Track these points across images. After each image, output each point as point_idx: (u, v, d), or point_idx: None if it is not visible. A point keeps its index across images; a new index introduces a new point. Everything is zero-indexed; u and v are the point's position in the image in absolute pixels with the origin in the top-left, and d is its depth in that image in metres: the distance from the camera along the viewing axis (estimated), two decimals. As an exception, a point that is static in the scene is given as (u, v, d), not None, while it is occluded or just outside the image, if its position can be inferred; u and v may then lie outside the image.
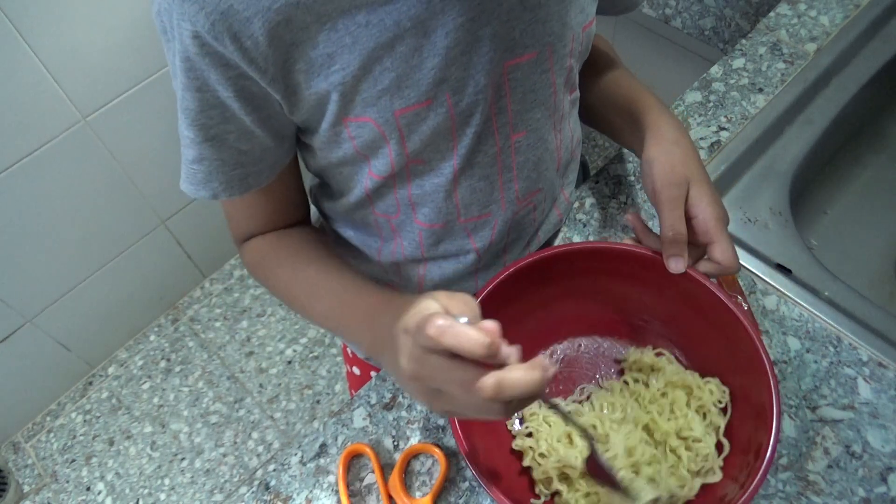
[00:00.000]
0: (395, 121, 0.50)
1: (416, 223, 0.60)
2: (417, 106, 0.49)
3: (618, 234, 0.72)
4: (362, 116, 0.50)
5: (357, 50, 0.46)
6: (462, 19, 0.46)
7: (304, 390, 1.63)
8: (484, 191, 0.58)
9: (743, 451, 0.51)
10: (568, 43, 0.54)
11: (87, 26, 1.18)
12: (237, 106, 0.48)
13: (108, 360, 1.73)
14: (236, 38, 0.43)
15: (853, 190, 0.88)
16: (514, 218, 0.62)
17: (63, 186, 1.33)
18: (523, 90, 0.53)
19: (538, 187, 0.62)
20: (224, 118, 0.49)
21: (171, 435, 1.59)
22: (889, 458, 0.57)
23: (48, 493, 1.53)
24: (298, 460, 0.61)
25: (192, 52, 0.44)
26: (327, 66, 0.46)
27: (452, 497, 0.57)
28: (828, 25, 0.86)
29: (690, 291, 0.54)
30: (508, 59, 0.50)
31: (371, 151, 0.53)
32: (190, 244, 1.70)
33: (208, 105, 0.48)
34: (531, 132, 0.57)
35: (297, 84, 0.47)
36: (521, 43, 0.50)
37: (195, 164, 0.52)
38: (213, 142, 0.51)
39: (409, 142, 0.52)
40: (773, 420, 0.48)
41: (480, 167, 0.57)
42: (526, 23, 0.49)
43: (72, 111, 1.25)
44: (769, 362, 0.49)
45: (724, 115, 0.80)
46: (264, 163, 0.55)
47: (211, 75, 0.46)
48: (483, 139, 0.54)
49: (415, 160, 0.54)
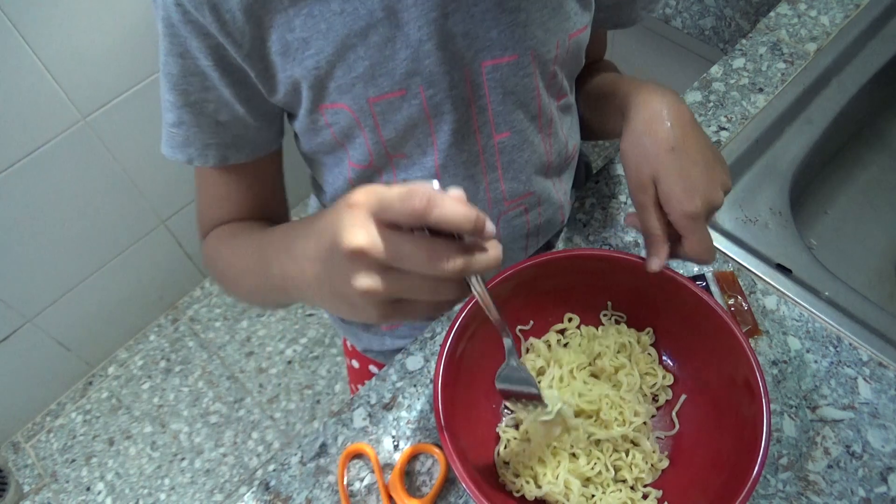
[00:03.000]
0: (369, 108, 0.51)
1: None
2: (391, 95, 0.50)
3: (618, 234, 0.72)
4: (337, 103, 0.51)
5: (331, 36, 0.47)
6: (434, 14, 0.47)
7: (304, 390, 1.63)
8: (468, 189, 0.59)
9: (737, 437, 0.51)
10: (552, 49, 0.54)
11: (87, 26, 1.18)
12: (216, 76, 0.49)
13: (108, 360, 1.73)
14: (215, 9, 0.45)
15: (853, 190, 0.88)
16: (502, 218, 0.63)
17: (63, 186, 1.33)
18: (503, 91, 0.54)
19: (528, 190, 0.62)
20: (204, 87, 0.50)
21: (171, 435, 1.59)
22: (889, 458, 0.57)
23: (48, 493, 1.53)
24: (298, 460, 0.61)
25: (175, 18, 0.46)
26: (302, 51, 0.48)
27: (452, 497, 0.57)
28: (828, 25, 0.86)
29: (664, 286, 0.56)
30: (486, 58, 0.51)
31: (348, 139, 0.55)
32: (190, 244, 1.70)
33: (189, 72, 0.49)
34: (515, 133, 0.57)
35: (272, 65, 0.49)
36: (500, 44, 0.51)
37: (174, 128, 0.54)
38: (192, 108, 0.52)
39: (384, 130, 0.53)
40: (760, 393, 0.49)
41: (465, 166, 0.57)
42: (504, 25, 0.50)
43: (72, 111, 1.25)
44: (743, 337, 0.51)
45: (724, 114, 0.80)
46: (244, 139, 0.55)
47: (192, 42, 0.47)
48: (464, 137, 0.55)
49: (398, 154, 0.55)
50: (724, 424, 0.54)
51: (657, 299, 0.58)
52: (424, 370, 0.65)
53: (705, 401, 0.56)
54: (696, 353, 0.58)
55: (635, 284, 0.57)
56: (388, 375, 0.65)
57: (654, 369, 0.59)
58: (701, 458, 0.54)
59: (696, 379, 0.58)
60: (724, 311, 0.53)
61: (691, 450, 0.55)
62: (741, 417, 0.51)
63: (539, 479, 0.53)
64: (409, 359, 0.66)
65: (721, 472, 0.51)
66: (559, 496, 0.52)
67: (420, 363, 0.65)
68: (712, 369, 0.56)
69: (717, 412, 0.55)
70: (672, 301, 0.57)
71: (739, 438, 0.51)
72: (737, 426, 0.52)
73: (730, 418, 0.53)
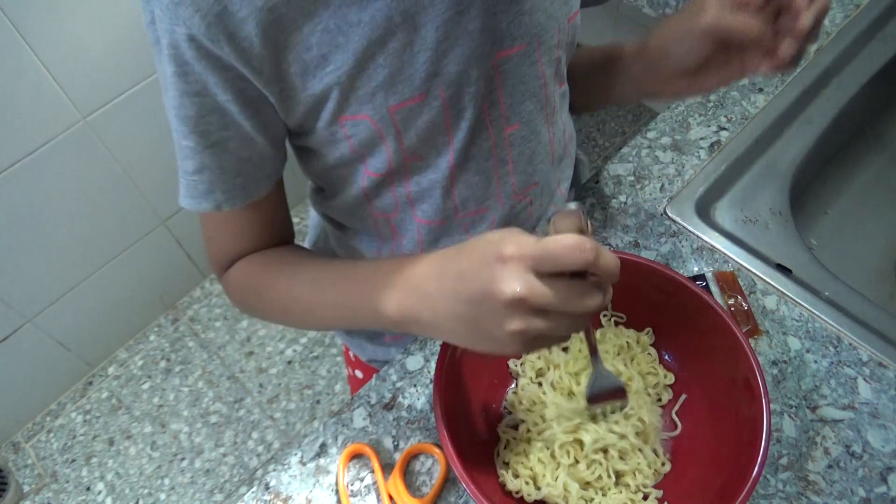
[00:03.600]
0: (390, 117, 0.50)
1: (415, 220, 0.60)
2: (411, 101, 0.50)
3: (618, 234, 0.72)
4: (358, 114, 0.50)
5: (350, 49, 0.46)
6: (450, 13, 0.47)
7: (304, 390, 1.63)
8: (481, 185, 0.59)
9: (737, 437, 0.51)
10: (554, 34, 0.54)
11: (87, 26, 1.18)
12: (236, 110, 0.48)
13: (108, 360, 1.73)
14: (232, 39, 0.43)
15: (853, 190, 0.88)
16: (511, 213, 0.63)
17: (63, 186, 1.33)
18: (514, 82, 0.54)
19: (534, 181, 0.62)
20: (224, 124, 0.49)
21: (171, 435, 1.59)
22: (889, 458, 0.57)
23: (48, 493, 1.53)
24: (298, 460, 0.61)
25: (189, 55, 0.44)
26: (322, 68, 0.47)
27: (452, 497, 0.57)
28: (828, 25, 0.85)
29: (665, 287, 0.56)
30: (498, 51, 0.51)
31: (368, 149, 0.53)
32: (190, 244, 1.70)
33: (207, 110, 0.48)
34: (524, 125, 0.57)
35: (292, 87, 0.48)
36: (510, 35, 0.51)
37: (196, 175, 0.52)
38: (214, 149, 0.50)
39: (405, 138, 0.52)
40: (760, 393, 0.49)
41: (476, 161, 0.57)
42: (512, 14, 0.50)
43: (72, 111, 1.25)
44: (743, 337, 0.52)
45: (724, 114, 0.80)
46: (263, 171, 0.54)
47: (209, 78, 0.45)
48: (477, 133, 0.55)
49: (412, 157, 0.55)
50: (724, 424, 0.54)
51: (657, 299, 0.58)
52: (424, 370, 0.65)
53: (705, 401, 0.56)
54: (696, 353, 0.58)
55: (635, 284, 0.57)
56: (388, 375, 0.65)
57: (654, 369, 0.59)
58: (701, 457, 0.54)
59: (696, 379, 0.58)
60: (724, 311, 0.53)
61: (691, 450, 0.55)
62: (741, 417, 0.51)
63: (538, 480, 0.53)
64: (409, 359, 0.66)
65: (721, 471, 0.51)
66: (558, 499, 0.52)
67: (420, 363, 0.65)
68: (712, 369, 0.56)
69: (717, 412, 0.55)
70: (672, 301, 0.57)
71: (739, 438, 0.51)
72: (737, 426, 0.52)
73: (730, 418, 0.53)
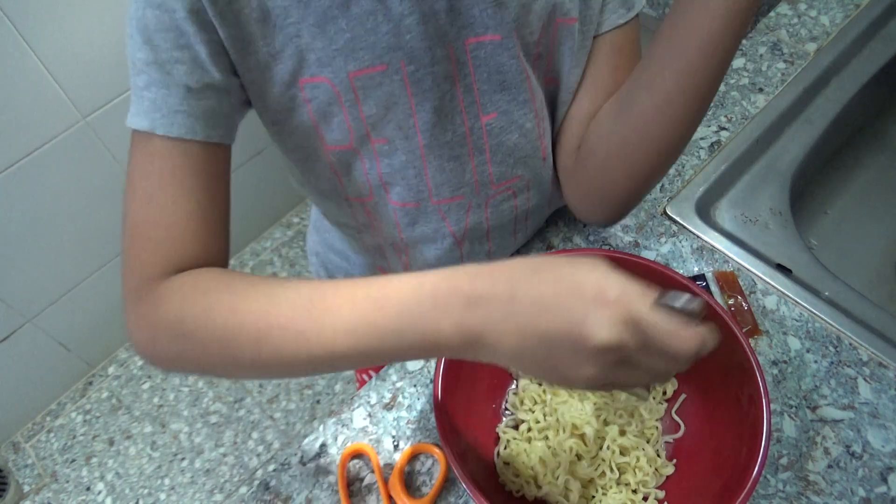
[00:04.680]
0: (349, 82, 0.50)
1: (390, 203, 0.60)
2: (372, 69, 0.50)
3: (618, 235, 0.72)
4: (317, 76, 0.50)
5: (312, 6, 0.47)
6: None
7: (304, 390, 1.63)
8: (455, 171, 0.58)
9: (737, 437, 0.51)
10: (536, 31, 0.54)
11: (87, 26, 1.18)
12: (192, 30, 0.47)
13: (108, 360, 1.73)
14: None
15: (853, 190, 0.88)
16: (489, 202, 0.62)
17: (63, 186, 1.33)
18: (489, 71, 0.54)
19: (516, 174, 0.62)
20: (178, 45, 0.48)
21: (171, 435, 1.59)
22: (889, 458, 0.57)
23: (48, 493, 1.53)
24: (298, 460, 0.61)
25: None
26: (283, 18, 0.47)
27: (452, 497, 0.57)
28: (828, 25, 0.86)
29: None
30: (469, 36, 0.51)
31: (325, 118, 0.53)
32: (190, 244, 1.70)
33: (164, 27, 0.47)
34: (501, 115, 0.57)
35: (249, 34, 0.48)
36: (482, 23, 0.51)
37: (145, 91, 0.49)
38: (163, 66, 0.48)
39: (364, 105, 0.52)
40: (760, 393, 0.49)
41: (450, 147, 0.57)
42: (486, 4, 0.50)
43: (72, 111, 1.25)
44: (743, 337, 0.51)
45: (724, 114, 0.80)
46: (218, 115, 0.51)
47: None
48: (449, 116, 0.55)
49: (379, 139, 0.55)
50: (723, 424, 0.54)
51: None
52: (424, 370, 0.65)
53: (705, 401, 0.56)
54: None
55: None
56: (388, 375, 0.65)
57: None
58: (701, 458, 0.54)
59: (696, 379, 0.58)
60: (724, 311, 0.52)
61: (691, 450, 0.55)
62: (741, 417, 0.51)
63: (539, 479, 0.53)
64: (409, 359, 0.66)
65: (721, 472, 0.51)
66: (559, 497, 0.52)
67: (420, 363, 0.65)
68: (712, 369, 0.56)
69: (716, 412, 0.55)
70: None
71: (739, 438, 0.51)
72: (737, 426, 0.52)
73: (730, 418, 0.53)
